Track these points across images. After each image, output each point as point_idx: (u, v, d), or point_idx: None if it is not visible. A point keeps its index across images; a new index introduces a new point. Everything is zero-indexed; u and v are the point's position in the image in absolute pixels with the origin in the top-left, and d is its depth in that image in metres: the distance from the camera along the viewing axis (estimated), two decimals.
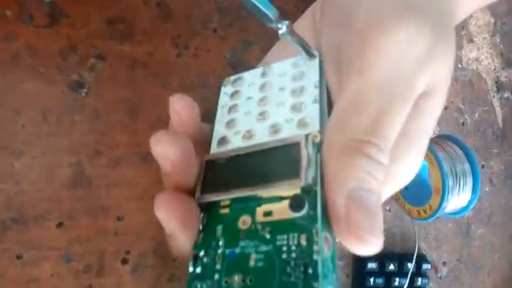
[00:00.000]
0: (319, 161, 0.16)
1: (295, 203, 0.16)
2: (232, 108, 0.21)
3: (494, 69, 0.48)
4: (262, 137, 0.19)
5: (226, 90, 0.23)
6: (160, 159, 0.18)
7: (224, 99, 0.22)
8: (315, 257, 0.14)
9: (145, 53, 0.34)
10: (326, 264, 0.14)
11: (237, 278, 0.15)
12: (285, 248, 0.15)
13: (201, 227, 0.18)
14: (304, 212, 0.15)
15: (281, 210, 0.16)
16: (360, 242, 0.14)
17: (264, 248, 0.16)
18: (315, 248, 0.14)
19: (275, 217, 0.16)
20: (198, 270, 0.17)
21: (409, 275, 0.38)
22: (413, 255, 0.39)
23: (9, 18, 0.31)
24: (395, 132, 0.16)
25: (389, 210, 0.41)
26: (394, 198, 0.40)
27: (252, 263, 0.16)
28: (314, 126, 0.18)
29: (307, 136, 0.17)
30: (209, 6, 0.36)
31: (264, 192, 0.17)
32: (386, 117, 0.16)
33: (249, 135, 0.19)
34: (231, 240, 0.17)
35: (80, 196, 0.32)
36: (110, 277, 0.32)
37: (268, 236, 0.16)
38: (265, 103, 0.20)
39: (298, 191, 0.16)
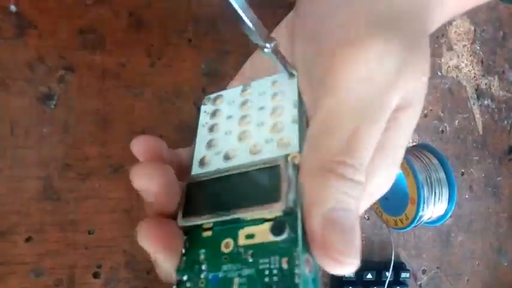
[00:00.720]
0: (299, 186, 0.16)
1: (276, 227, 0.16)
2: (212, 128, 0.21)
3: (474, 76, 0.48)
4: (242, 157, 0.19)
5: (206, 108, 0.22)
6: (142, 192, 0.17)
7: (204, 118, 0.22)
8: (296, 280, 0.14)
9: (117, 63, 0.33)
10: (307, 286, 0.14)
11: None
12: (267, 272, 0.15)
13: (183, 251, 0.17)
14: (285, 235, 0.15)
15: (263, 233, 0.16)
16: (336, 264, 0.14)
17: (246, 271, 0.16)
18: (297, 271, 0.15)
19: (257, 240, 0.16)
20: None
21: (386, 284, 0.38)
22: (391, 264, 0.39)
23: None
24: (370, 151, 0.16)
25: (368, 219, 0.41)
26: (373, 207, 0.40)
27: (235, 287, 0.16)
28: (293, 147, 0.18)
29: (286, 157, 0.17)
30: (184, 16, 0.36)
31: (245, 216, 0.17)
32: (359, 136, 0.16)
33: (229, 155, 0.19)
34: (214, 264, 0.17)
35: (49, 210, 0.31)
36: None
37: (250, 260, 0.16)
38: (245, 123, 0.20)
39: (279, 213, 0.16)
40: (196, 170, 0.20)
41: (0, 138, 0.30)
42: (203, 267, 0.17)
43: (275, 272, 0.15)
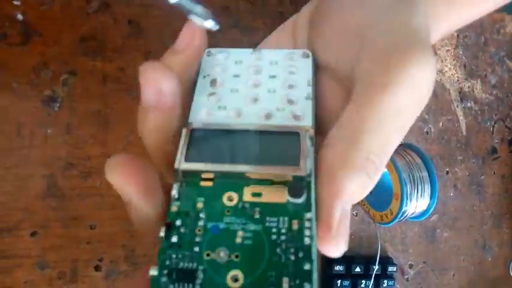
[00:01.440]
0: (314, 154, 0.17)
1: (295, 190, 0.16)
2: (215, 82, 0.21)
3: (458, 80, 0.50)
4: (252, 118, 0.19)
5: (208, 60, 0.22)
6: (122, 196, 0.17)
7: (206, 70, 0.21)
8: (307, 241, 0.15)
9: (117, 68, 0.35)
10: (314, 250, 0.15)
11: (222, 253, 0.15)
12: (274, 230, 0.15)
13: (176, 196, 0.17)
14: (302, 199, 0.16)
15: (271, 194, 0.16)
16: (336, 248, 0.16)
17: (252, 227, 0.15)
18: (307, 233, 0.15)
19: (264, 199, 0.16)
20: (174, 239, 0.16)
21: (373, 277, 0.40)
22: (377, 257, 0.41)
23: None
24: (388, 156, 0.17)
25: (356, 215, 0.43)
26: (360, 203, 0.42)
27: (238, 240, 0.15)
28: (307, 121, 0.18)
29: (302, 128, 0.18)
30: (179, 24, 0.38)
31: (254, 172, 0.17)
32: (392, 142, 0.17)
33: (236, 113, 0.19)
34: (215, 214, 0.16)
35: (53, 206, 0.33)
36: (83, 283, 0.33)
37: (257, 216, 0.16)
38: (255, 86, 0.20)
39: (290, 178, 0.16)
40: (194, 117, 0.19)
41: (7, 139, 0.32)
42: (201, 215, 0.16)
43: (283, 231, 0.15)
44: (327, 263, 0.40)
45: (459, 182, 0.49)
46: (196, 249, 0.15)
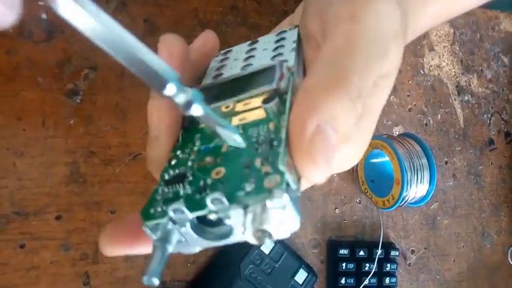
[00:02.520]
0: (292, 81, 0.19)
1: (267, 98, 0.18)
2: (219, 68, 0.24)
3: (455, 74, 0.53)
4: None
5: (216, 58, 0.25)
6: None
7: (213, 64, 0.25)
8: (282, 135, 0.16)
9: None
10: (295, 172, 0.16)
11: (208, 159, 0.18)
12: (255, 135, 0.17)
13: (180, 139, 0.20)
14: (273, 103, 0.17)
15: (254, 114, 0.19)
16: (311, 165, 0.15)
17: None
18: (283, 130, 0.17)
19: (248, 120, 0.18)
20: (173, 162, 0.19)
21: (376, 259, 0.42)
22: (380, 240, 0.43)
23: (11, 35, 0.35)
24: (368, 86, 0.18)
25: (360, 203, 0.45)
26: (363, 191, 0.44)
27: (223, 149, 0.18)
28: (290, 62, 0.21)
29: (281, 62, 0.20)
30: (191, 22, 0.41)
31: (241, 101, 0.19)
32: (371, 64, 0.17)
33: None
34: (207, 140, 0.19)
35: (76, 192, 0.35)
36: (104, 264, 0.36)
37: (241, 131, 0.18)
38: (249, 58, 0.23)
39: (270, 93, 0.19)
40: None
41: (33, 129, 0.35)
42: (197, 143, 0.19)
43: (262, 133, 0.17)
44: (333, 247, 0.42)
45: (458, 172, 0.51)
46: (189, 163, 0.18)
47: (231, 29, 0.42)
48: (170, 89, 0.14)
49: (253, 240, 0.15)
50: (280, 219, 0.15)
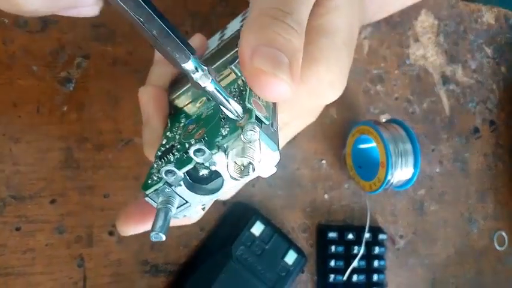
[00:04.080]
0: None
1: (233, 59, 0.20)
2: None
3: (440, 64, 0.54)
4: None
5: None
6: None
7: None
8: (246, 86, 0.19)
9: (125, 52, 0.39)
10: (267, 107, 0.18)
11: (191, 127, 0.20)
12: (228, 91, 0.19)
13: (169, 123, 0.22)
14: (237, 61, 0.20)
15: (226, 79, 0.21)
16: (262, 77, 0.16)
17: (212, 104, 0.20)
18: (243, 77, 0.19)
19: (222, 85, 0.20)
20: (164, 141, 0.21)
21: (363, 243, 0.43)
22: (369, 226, 0.44)
23: (7, 25, 0.36)
24: (301, 5, 0.18)
25: (348, 188, 0.47)
26: (351, 177, 0.46)
27: (204, 115, 0.20)
28: None
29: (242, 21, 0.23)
30: (181, 12, 0.42)
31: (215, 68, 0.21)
32: None
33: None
34: (190, 115, 0.21)
35: (70, 176, 0.36)
36: (98, 247, 0.37)
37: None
38: (222, 37, 0.26)
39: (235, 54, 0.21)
40: None
41: (29, 116, 0.36)
42: (182, 121, 0.21)
43: (233, 90, 0.20)
44: (322, 230, 0.44)
45: (444, 159, 0.53)
46: (177, 137, 0.20)
47: (220, 20, 0.43)
48: (190, 64, 0.15)
49: (238, 176, 0.16)
50: (258, 151, 0.16)
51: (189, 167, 0.17)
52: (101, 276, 0.36)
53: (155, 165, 0.20)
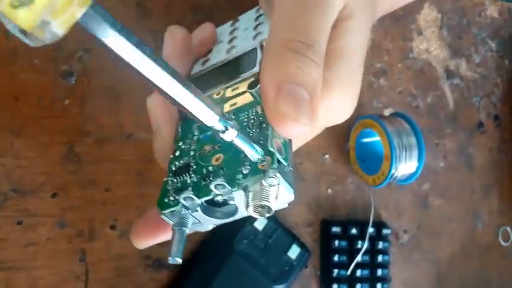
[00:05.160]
0: None
1: (252, 83, 0.19)
2: (207, 53, 0.26)
3: (443, 58, 0.54)
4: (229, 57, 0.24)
5: None
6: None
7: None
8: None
9: None
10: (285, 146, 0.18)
11: (207, 147, 0.20)
12: (245, 119, 0.19)
13: (180, 130, 0.22)
14: (258, 87, 0.19)
15: (242, 99, 0.20)
16: (284, 121, 0.16)
17: None
18: None
19: (238, 105, 0.20)
20: (177, 153, 0.21)
21: (367, 238, 0.42)
22: (373, 221, 0.44)
23: None
24: (322, 35, 0.18)
25: (352, 183, 0.46)
26: (355, 171, 0.45)
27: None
28: (266, 36, 0.22)
29: (261, 44, 0.22)
30: (183, 6, 0.42)
31: (229, 87, 0.21)
32: (308, 21, 0.18)
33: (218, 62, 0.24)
34: (204, 128, 0.20)
35: (71, 170, 0.36)
36: (100, 241, 0.36)
37: (232, 116, 0.20)
38: (233, 40, 0.25)
39: (255, 77, 0.20)
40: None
41: (30, 110, 0.35)
42: (195, 133, 0.21)
43: (252, 116, 0.19)
44: (325, 225, 0.43)
45: (449, 154, 0.52)
46: (191, 153, 0.20)
47: (222, 14, 0.43)
48: (219, 125, 0.16)
49: (256, 215, 0.17)
50: (276, 194, 0.17)
51: (208, 197, 0.18)
52: (103, 270, 0.36)
53: (170, 182, 0.20)
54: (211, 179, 0.18)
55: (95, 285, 0.36)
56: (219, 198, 0.18)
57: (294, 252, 0.39)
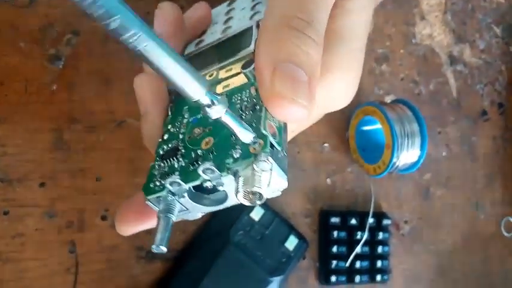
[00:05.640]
0: None
1: (246, 63, 0.18)
2: (201, 33, 0.25)
3: (447, 44, 0.52)
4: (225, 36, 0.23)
5: None
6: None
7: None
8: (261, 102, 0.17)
9: None
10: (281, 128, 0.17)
11: (197, 130, 0.19)
12: (238, 101, 0.18)
13: (170, 113, 0.21)
14: (252, 68, 0.18)
15: (236, 80, 0.19)
16: (280, 101, 0.15)
17: None
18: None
19: (231, 87, 0.19)
20: (166, 136, 0.20)
21: (367, 228, 0.41)
22: (373, 211, 0.42)
23: None
24: (322, 12, 0.17)
25: (351, 172, 0.45)
26: (355, 160, 0.44)
27: (210, 119, 0.18)
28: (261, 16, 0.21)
29: (258, 22, 0.21)
30: None
31: (223, 68, 0.20)
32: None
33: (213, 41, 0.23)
34: (195, 111, 0.19)
35: (60, 159, 0.35)
36: (90, 232, 0.35)
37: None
38: (228, 20, 0.24)
39: (250, 57, 0.19)
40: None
41: (16, 95, 0.34)
42: (186, 115, 0.20)
43: (245, 98, 0.18)
44: (324, 216, 0.42)
45: (451, 142, 0.51)
46: (180, 136, 0.19)
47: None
48: (205, 99, 0.14)
49: (246, 202, 0.16)
50: (269, 180, 0.16)
51: (196, 183, 0.17)
52: (94, 262, 0.35)
53: (156, 166, 0.19)
54: (199, 163, 0.17)
55: (85, 278, 0.35)
56: (208, 184, 0.17)
57: (291, 243, 0.38)
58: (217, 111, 0.14)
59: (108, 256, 0.35)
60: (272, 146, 0.16)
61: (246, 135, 0.16)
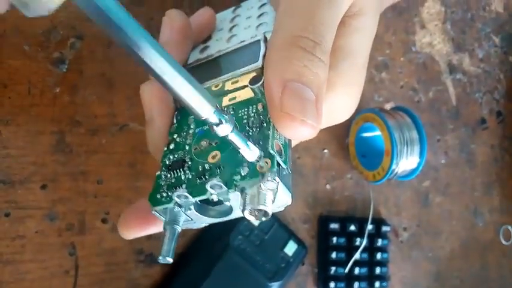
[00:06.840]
0: None
1: (254, 79, 0.19)
2: (206, 40, 0.25)
3: (446, 53, 0.53)
4: (230, 47, 0.23)
5: None
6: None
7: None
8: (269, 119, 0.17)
9: None
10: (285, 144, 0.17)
11: (204, 143, 0.19)
12: (245, 116, 0.18)
13: (175, 121, 0.21)
14: (260, 84, 0.18)
15: (243, 94, 0.19)
16: (289, 122, 0.16)
17: None
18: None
19: (237, 100, 0.19)
20: (172, 146, 0.20)
21: (366, 234, 0.41)
22: (372, 218, 0.43)
23: None
24: (329, 32, 0.18)
25: (351, 179, 0.45)
26: (354, 166, 0.44)
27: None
28: (270, 27, 0.21)
29: (265, 36, 0.21)
30: None
31: (229, 79, 0.20)
32: (317, 16, 0.17)
33: (220, 51, 0.23)
34: (200, 123, 0.20)
35: (61, 161, 0.35)
36: (91, 235, 0.35)
37: (232, 113, 0.19)
38: (234, 28, 0.24)
39: (257, 72, 0.19)
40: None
41: (19, 97, 0.34)
42: (191, 126, 0.20)
43: (252, 114, 0.18)
44: (323, 221, 0.42)
45: (450, 150, 0.51)
46: (187, 148, 0.19)
47: (219, 1, 0.41)
48: (213, 118, 0.15)
49: (251, 218, 0.16)
50: (274, 198, 0.16)
51: (203, 197, 0.17)
52: (94, 265, 0.35)
53: (163, 176, 0.19)
54: (207, 177, 0.17)
55: (85, 280, 0.35)
56: (214, 198, 0.17)
57: (290, 248, 0.38)
58: (224, 130, 0.15)
59: (108, 259, 0.35)
60: (278, 164, 0.16)
61: (251, 154, 0.16)
